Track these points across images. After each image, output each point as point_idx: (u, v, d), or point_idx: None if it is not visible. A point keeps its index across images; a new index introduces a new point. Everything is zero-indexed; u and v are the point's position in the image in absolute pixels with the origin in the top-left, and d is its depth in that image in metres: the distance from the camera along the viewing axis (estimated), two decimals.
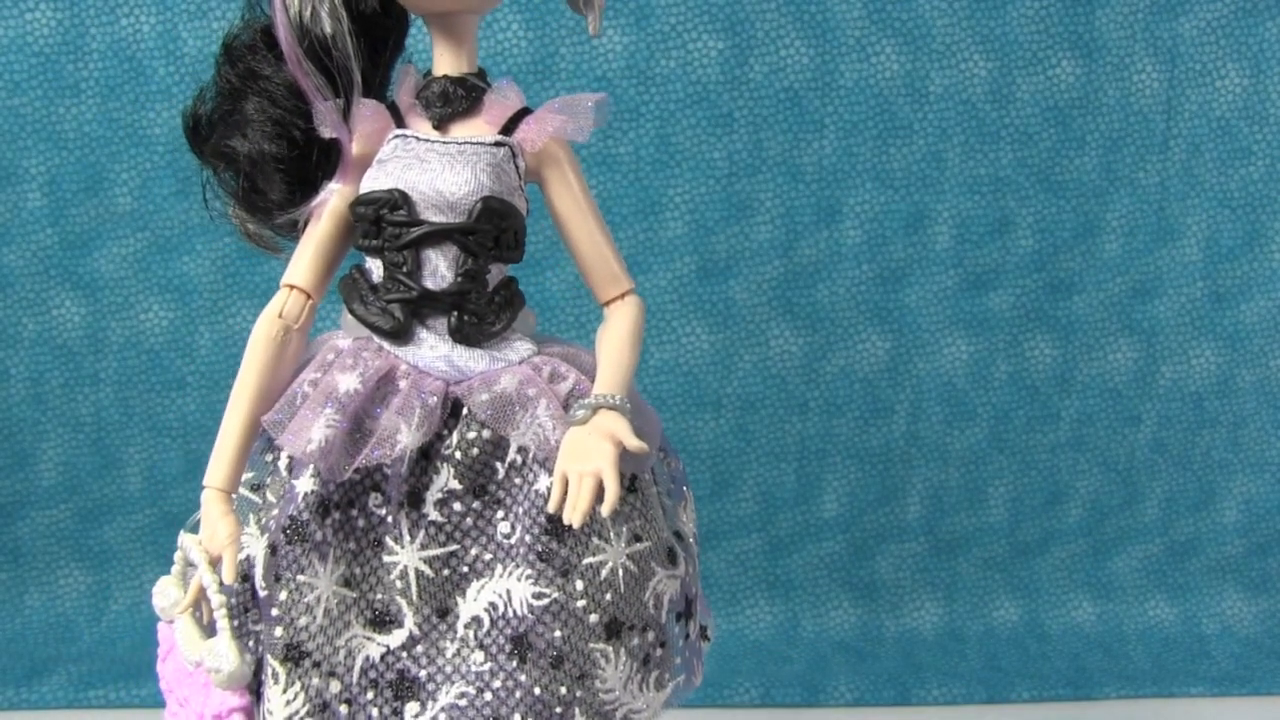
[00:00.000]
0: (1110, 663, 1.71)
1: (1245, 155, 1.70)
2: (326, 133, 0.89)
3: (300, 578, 0.88)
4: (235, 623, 0.90)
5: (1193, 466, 1.81)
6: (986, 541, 1.79)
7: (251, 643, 0.91)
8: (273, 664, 0.88)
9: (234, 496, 0.90)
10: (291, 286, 0.93)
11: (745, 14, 1.59)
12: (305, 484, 0.88)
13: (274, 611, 0.88)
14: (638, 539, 0.91)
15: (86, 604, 1.67)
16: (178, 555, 0.92)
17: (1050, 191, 1.69)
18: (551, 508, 0.84)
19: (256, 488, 0.94)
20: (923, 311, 1.70)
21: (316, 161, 0.91)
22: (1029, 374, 1.74)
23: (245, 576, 0.89)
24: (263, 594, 0.88)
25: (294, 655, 0.88)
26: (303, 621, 0.88)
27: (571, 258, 0.96)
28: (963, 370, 1.73)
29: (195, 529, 0.90)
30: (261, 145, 0.89)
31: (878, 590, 1.77)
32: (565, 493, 0.83)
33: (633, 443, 0.84)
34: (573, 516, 0.82)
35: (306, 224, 0.94)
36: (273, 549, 0.88)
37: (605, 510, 0.82)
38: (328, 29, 0.88)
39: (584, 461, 0.83)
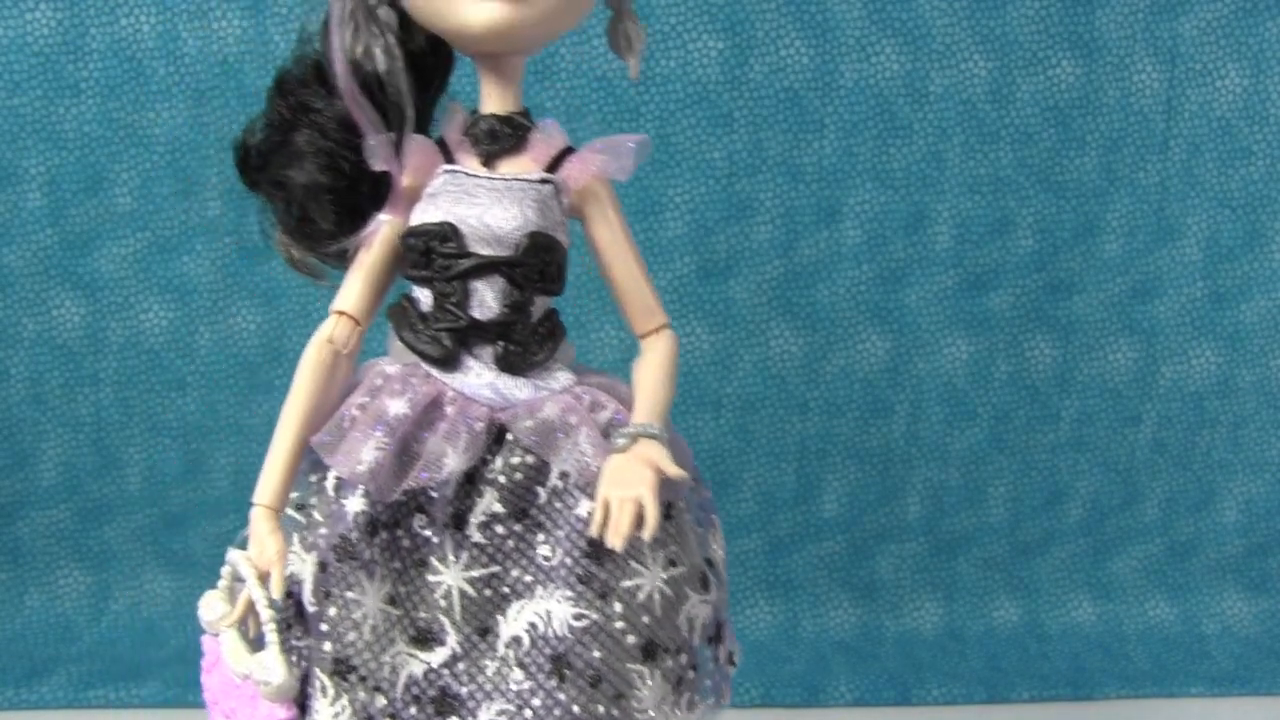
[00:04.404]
0: (1110, 663, 1.71)
1: (1245, 155, 1.70)
2: (378, 165, 0.91)
3: (349, 594, 0.89)
4: (280, 637, 0.92)
5: (1193, 466, 1.81)
6: (986, 541, 1.79)
7: (294, 657, 0.92)
8: (321, 678, 0.89)
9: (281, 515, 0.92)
10: (341, 313, 0.95)
11: (745, 14, 1.59)
12: (355, 504, 0.90)
13: (323, 627, 0.89)
14: (673, 564, 0.93)
15: (86, 604, 1.67)
16: (225, 570, 0.94)
17: (1050, 191, 1.69)
18: (594, 532, 0.86)
19: (301, 507, 0.95)
20: (923, 311, 1.70)
21: (366, 193, 0.93)
22: (1029, 374, 1.74)
23: (289, 593, 0.91)
24: (312, 609, 0.90)
25: (341, 669, 0.89)
26: (350, 637, 0.89)
27: (610, 290, 0.99)
28: (963, 370, 1.73)
29: (243, 546, 0.91)
30: (316, 176, 0.91)
31: (878, 590, 1.77)
32: (606, 517, 0.86)
33: (672, 470, 0.87)
34: (614, 540, 0.84)
35: (355, 253, 0.96)
36: (322, 566, 0.90)
37: (646, 535, 0.84)
38: (382, 66, 0.91)
39: (625, 487, 0.86)
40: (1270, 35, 1.67)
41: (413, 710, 0.91)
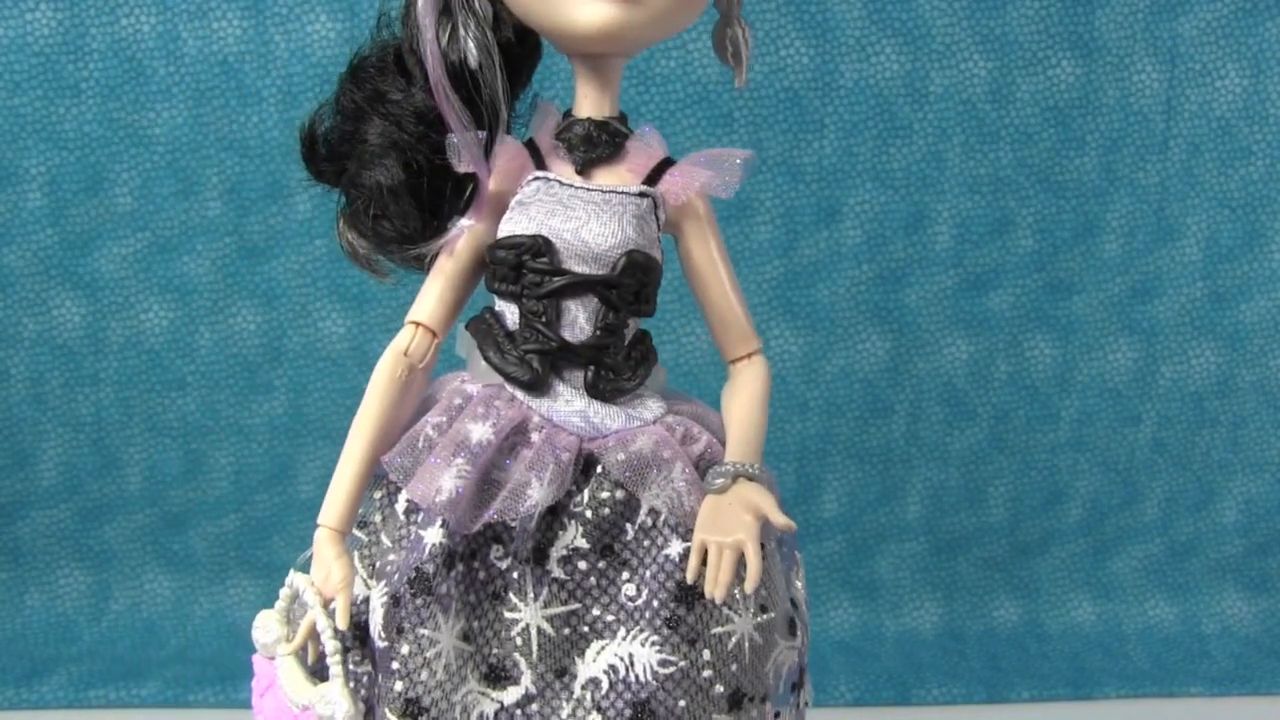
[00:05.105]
0: (1110, 663, 1.71)
1: (1245, 155, 1.70)
2: (463, 166, 0.85)
3: (423, 631, 0.84)
4: (344, 668, 0.88)
5: (1193, 466, 1.81)
6: (986, 541, 1.79)
7: (352, 684, 0.88)
8: (390, 718, 0.85)
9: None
10: (418, 324, 0.89)
11: (745, 14, 1.58)
12: (434, 535, 0.84)
13: (394, 665, 0.84)
14: (764, 609, 0.88)
15: (86, 604, 1.67)
16: (284, 592, 0.89)
17: (1050, 191, 1.69)
18: (690, 578, 0.82)
19: (363, 525, 0.91)
20: (923, 311, 1.70)
21: (448, 195, 0.88)
22: (1029, 374, 1.74)
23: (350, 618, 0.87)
24: (383, 645, 0.85)
25: (412, 710, 0.84)
26: (423, 676, 0.84)
27: (701, 312, 0.94)
28: (963, 370, 1.73)
29: (305, 567, 0.87)
30: (399, 175, 0.86)
31: (878, 590, 1.77)
32: (702, 562, 0.82)
33: (778, 518, 0.82)
34: (715, 591, 0.80)
35: (432, 258, 0.90)
36: (395, 600, 0.85)
37: (749, 587, 0.80)
38: (473, 60, 0.85)
39: (724, 533, 0.81)
40: (1270, 35, 1.67)
41: None
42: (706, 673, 0.86)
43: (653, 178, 0.89)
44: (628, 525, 0.87)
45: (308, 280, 1.62)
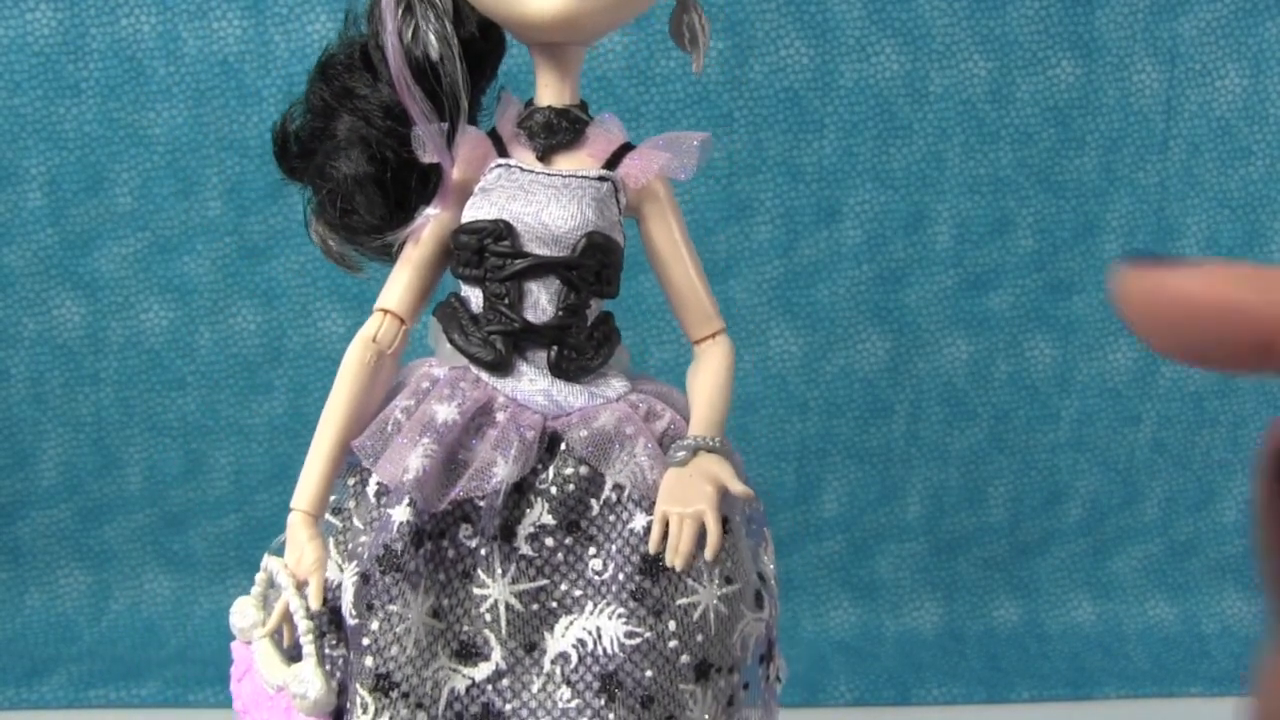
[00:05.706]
0: (1110, 663, 1.71)
1: (1245, 155, 1.70)
2: (428, 157, 0.88)
3: (392, 607, 0.85)
4: (316, 648, 0.89)
5: (1193, 466, 1.81)
6: (986, 541, 1.79)
7: (328, 666, 0.89)
8: (361, 693, 0.86)
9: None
10: (386, 311, 0.92)
11: (745, 14, 1.59)
12: (401, 513, 0.86)
13: (364, 641, 0.86)
14: (729, 581, 0.89)
15: (86, 604, 1.67)
16: (259, 577, 0.90)
17: (1050, 191, 1.69)
18: (652, 549, 0.84)
19: (337, 511, 0.92)
20: (923, 311, 1.70)
21: (413, 185, 0.90)
22: (1029, 374, 1.74)
23: (323, 600, 0.88)
24: (353, 622, 0.86)
25: (383, 685, 0.85)
26: (393, 651, 0.85)
27: (665, 294, 0.96)
28: (963, 370, 1.73)
29: (280, 551, 0.89)
30: (364, 166, 0.88)
31: (878, 590, 1.77)
32: (665, 534, 0.84)
33: (737, 487, 0.85)
34: (676, 560, 0.83)
35: (399, 248, 0.92)
36: (365, 577, 0.86)
37: (709, 555, 0.82)
38: (435, 52, 0.87)
39: (685, 503, 0.84)
40: (1270, 35, 1.67)
41: None
42: (672, 643, 0.87)
43: (613, 162, 0.91)
44: (592, 501, 0.89)
45: (308, 280, 1.62)
